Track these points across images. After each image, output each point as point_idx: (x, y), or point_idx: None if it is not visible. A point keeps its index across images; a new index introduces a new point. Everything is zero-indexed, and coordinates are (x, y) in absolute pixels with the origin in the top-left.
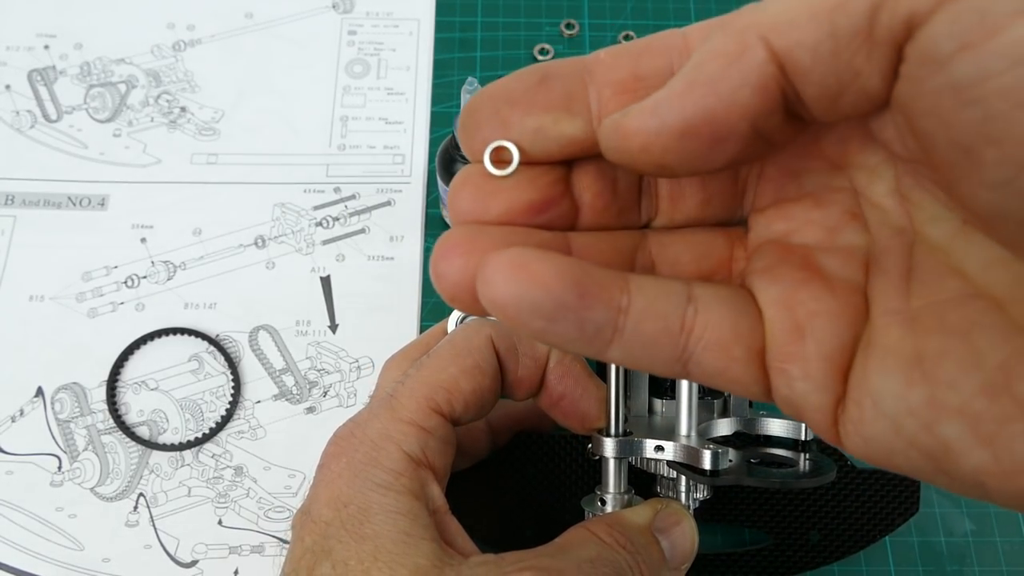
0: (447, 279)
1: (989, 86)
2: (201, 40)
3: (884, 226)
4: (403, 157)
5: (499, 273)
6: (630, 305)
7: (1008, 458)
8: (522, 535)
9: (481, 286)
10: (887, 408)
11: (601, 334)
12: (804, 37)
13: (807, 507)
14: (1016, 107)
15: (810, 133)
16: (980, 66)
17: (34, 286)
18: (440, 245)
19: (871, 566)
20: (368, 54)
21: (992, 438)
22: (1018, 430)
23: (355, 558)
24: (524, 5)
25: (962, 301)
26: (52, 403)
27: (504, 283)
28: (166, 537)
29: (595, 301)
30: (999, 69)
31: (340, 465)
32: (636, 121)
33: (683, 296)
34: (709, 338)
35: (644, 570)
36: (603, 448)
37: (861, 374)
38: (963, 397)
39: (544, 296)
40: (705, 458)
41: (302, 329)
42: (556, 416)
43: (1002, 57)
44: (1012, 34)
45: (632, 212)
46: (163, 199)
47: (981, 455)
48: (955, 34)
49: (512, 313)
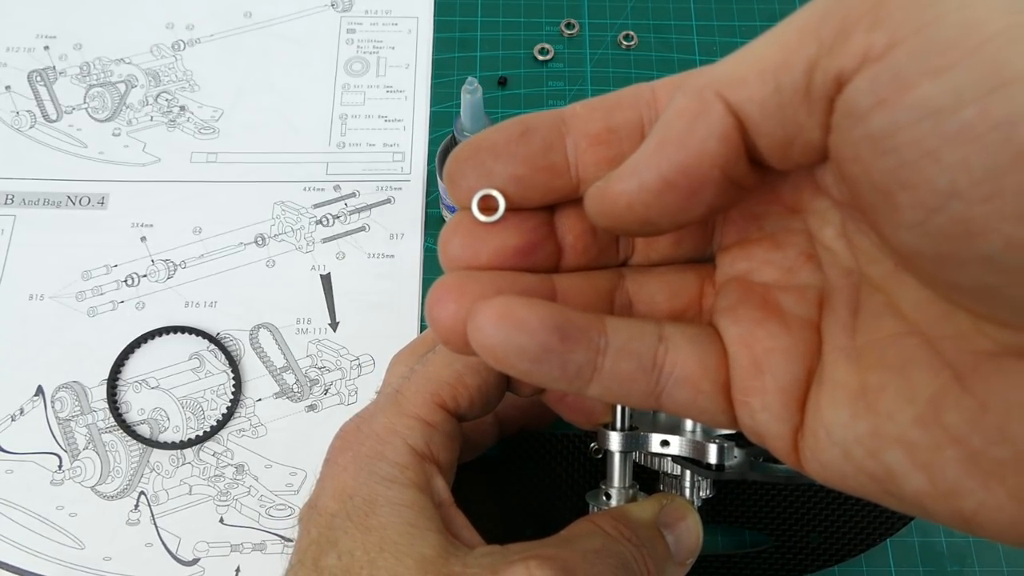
0: (441, 324)
1: (901, 137)
2: (200, 39)
3: (834, 266)
4: (403, 155)
5: (488, 320)
6: (607, 346)
7: (943, 482)
8: (522, 534)
9: (472, 332)
10: (837, 437)
11: (582, 373)
12: (753, 94)
13: (808, 509)
14: (924, 156)
15: (770, 179)
16: (893, 119)
17: (34, 285)
18: (434, 291)
19: (872, 566)
20: (367, 52)
21: (927, 465)
22: (949, 457)
23: (361, 548)
24: (524, 5)
25: (898, 338)
26: (52, 402)
27: (493, 329)
28: (167, 535)
29: (576, 344)
30: (909, 122)
31: (346, 459)
32: (618, 184)
33: (655, 336)
34: (679, 374)
35: (649, 563)
36: (608, 442)
37: (815, 405)
38: (900, 427)
39: (529, 341)
40: (711, 452)
41: (303, 327)
42: (561, 412)
43: (912, 111)
44: (921, 92)
45: (611, 251)
46: (163, 198)
47: (919, 479)
48: (873, 91)
49: (501, 356)
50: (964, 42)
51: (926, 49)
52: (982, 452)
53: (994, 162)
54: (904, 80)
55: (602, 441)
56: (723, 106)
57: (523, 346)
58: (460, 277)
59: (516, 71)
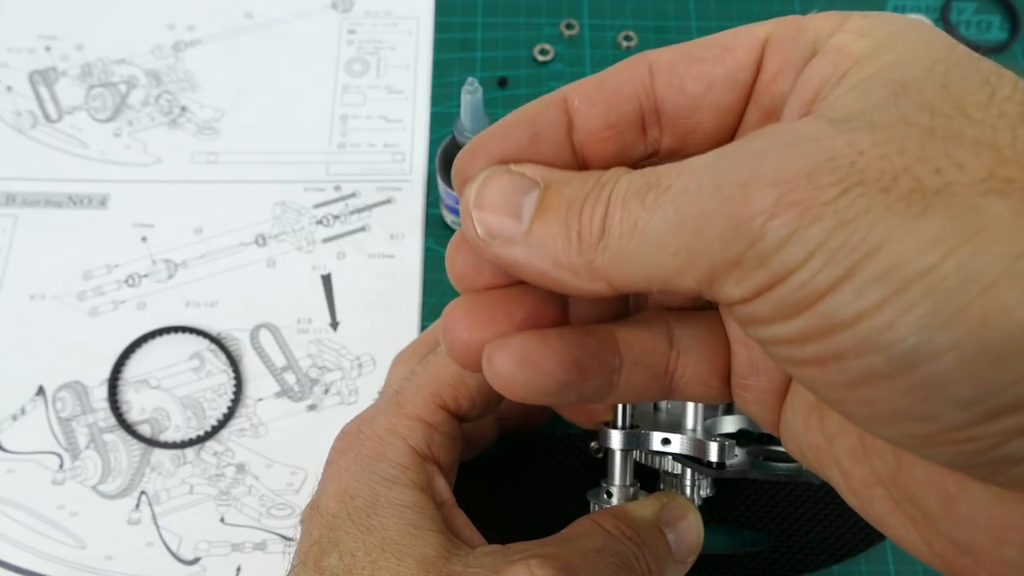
0: (456, 353)
1: (766, 349)
2: (201, 40)
3: None
4: (403, 155)
5: (505, 365)
6: (622, 364)
7: (871, 511)
8: (523, 533)
9: (489, 374)
10: (795, 441)
11: (599, 394)
12: (640, 290)
13: (807, 508)
14: (787, 364)
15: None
16: (758, 337)
17: (35, 285)
18: (446, 318)
19: (871, 565)
20: (368, 53)
21: (858, 493)
22: (876, 494)
23: (362, 549)
24: (524, 5)
25: None
26: (53, 401)
27: (511, 373)
28: (168, 535)
29: (592, 374)
30: (769, 343)
31: (347, 460)
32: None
33: (665, 342)
34: (691, 375)
35: (650, 562)
36: (610, 440)
37: (786, 405)
38: (838, 454)
39: (549, 382)
40: (712, 450)
41: (303, 327)
42: (563, 412)
43: (774, 338)
44: (776, 329)
45: None
46: (164, 198)
47: (852, 500)
48: (743, 321)
49: (521, 395)
50: (806, 299)
51: (778, 302)
52: (900, 502)
53: (827, 382)
54: (762, 319)
55: (603, 439)
56: (608, 288)
57: (543, 386)
58: (470, 304)
59: (516, 71)
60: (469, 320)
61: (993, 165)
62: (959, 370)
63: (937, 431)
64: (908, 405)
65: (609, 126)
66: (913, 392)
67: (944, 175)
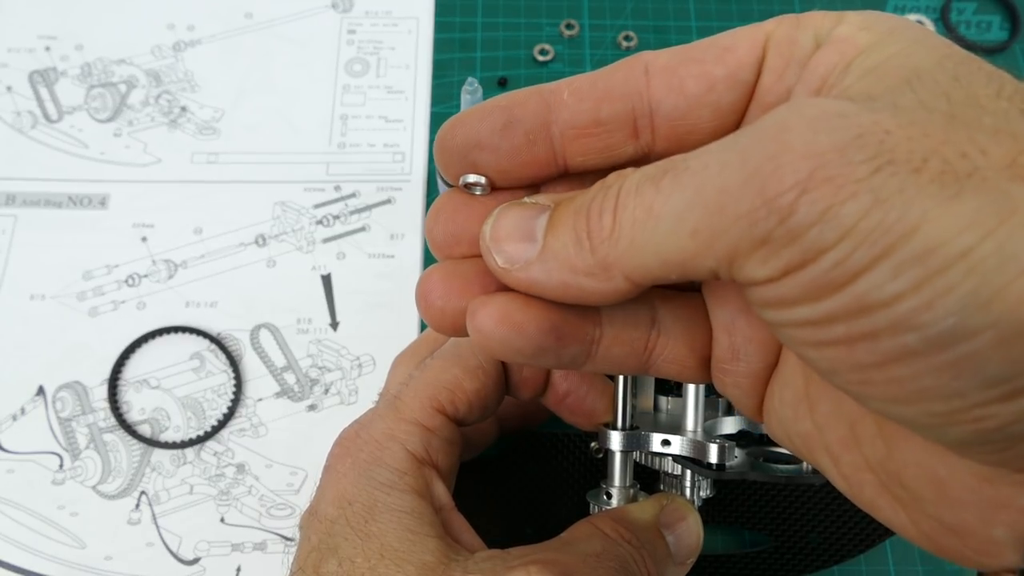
0: (430, 317)
1: (783, 333)
2: (201, 40)
3: None
4: (403, 155)
5: (487, 322)
6: (601, 336)
7: (860, 496)
8: (522, 534)
9: (472, 330)
10: (783, 428)
11: (575, 362)
12: (656, 278)
13: (807, 509)
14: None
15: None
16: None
17: (35, 285)
18: (421, 284)
19: (871, 565)
20: (368, 53)
21: (848, 478)
22: (866, 479)
23: (361, 555)
24: (524, 5)
25: None
26: (53, 401)
27: (492, 330)
28: (168, 535)
29: (570, 341)
30: (789, 327)
31: (345, 465)
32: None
33: (648, 320)
34: (668, 355)
35: (649, 565)
36: (610, 441)
37: (771, 394)
38: (828, 441)
39: (526, 344)
40: (712, 452)
41: (303, 327)
42: (562, 414)
43: (793, 321)
44: (800, 311)
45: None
46: (164, 198)
47: (843, 486)
48: (761, 305)
49: (499, 353)
50: (838, 279)
51: (807, 282)
52: (889, 486)
53: (853, 362)
54: (787, 300)
55: (603, 440)
56: (626, 283)
57: (520, 347)
58: (446, 272)
59: (516, 71)
60: (444, 287)
61: (1015, 153)
62: (995, 350)
63: (960, 409)
64: (937, 384)
65: (598, 123)
66: (945, 371)
67: (971, 159)
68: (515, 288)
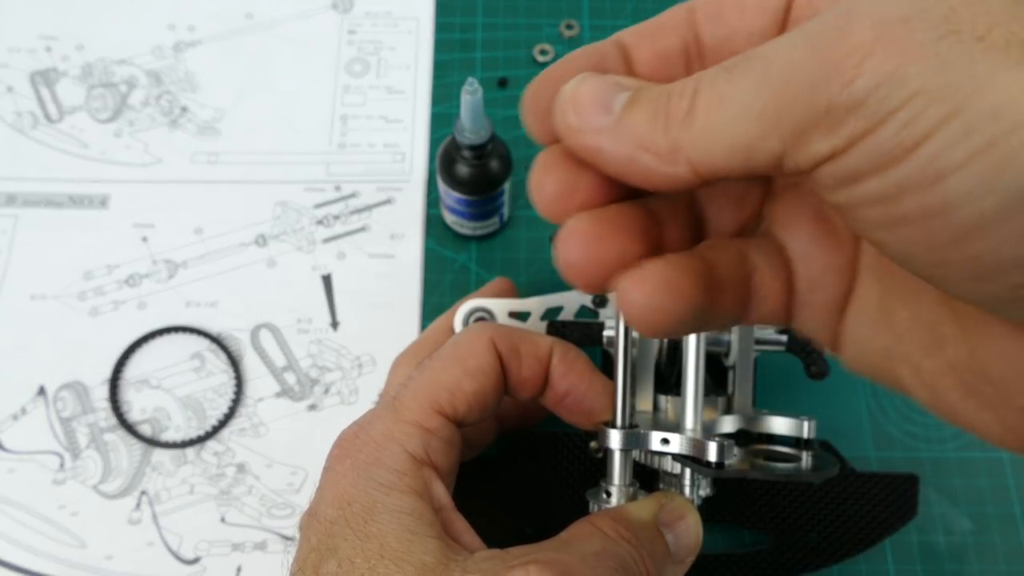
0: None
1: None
2: (202, 40)
3: None
4: (403, 155)
5: (641, 293)
6: (751, 296)
7: (943, 403)
8: (522, 533)
9: (624, 305)
10: (861, 348)
11: (733, 316)
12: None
13: (806, 509)
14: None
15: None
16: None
17: (36, 285)
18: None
19: (870, 565)
20: (368, 53)
21: (931, 386)
22: (949, 384)
23: (361, 556)
24: (524, 5)
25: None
26: (54, 401)
27: (648, 301)
28: (169, 534)
29: (718, 295)
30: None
31: (344, 466)
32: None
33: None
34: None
35: (649, 564)
36: (609, 440)
37: (848, 317)
38: (909, 350)
39: (685, 307)
40: (711, 450)
41: (303, 327)
42: (562, 413)
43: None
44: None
45: None
46: (164, 198)
47: (924, 395)
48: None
49: (659, 324)
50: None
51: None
52: (973, 386)
53: (929, 242)
54: (856, 174)
55: (603, 439)
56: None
57: (680, 312)
58: (592, 219)
59: (516, 72)
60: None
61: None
62: None
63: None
64: (1016, 253)
65: (658, 56)
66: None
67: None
68: (575, 150)
